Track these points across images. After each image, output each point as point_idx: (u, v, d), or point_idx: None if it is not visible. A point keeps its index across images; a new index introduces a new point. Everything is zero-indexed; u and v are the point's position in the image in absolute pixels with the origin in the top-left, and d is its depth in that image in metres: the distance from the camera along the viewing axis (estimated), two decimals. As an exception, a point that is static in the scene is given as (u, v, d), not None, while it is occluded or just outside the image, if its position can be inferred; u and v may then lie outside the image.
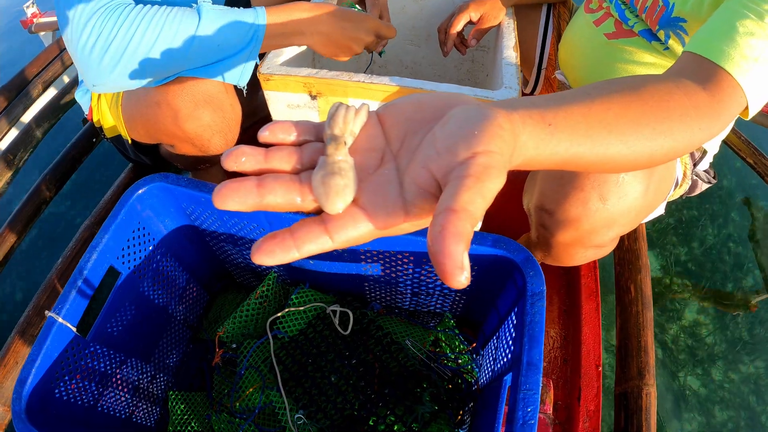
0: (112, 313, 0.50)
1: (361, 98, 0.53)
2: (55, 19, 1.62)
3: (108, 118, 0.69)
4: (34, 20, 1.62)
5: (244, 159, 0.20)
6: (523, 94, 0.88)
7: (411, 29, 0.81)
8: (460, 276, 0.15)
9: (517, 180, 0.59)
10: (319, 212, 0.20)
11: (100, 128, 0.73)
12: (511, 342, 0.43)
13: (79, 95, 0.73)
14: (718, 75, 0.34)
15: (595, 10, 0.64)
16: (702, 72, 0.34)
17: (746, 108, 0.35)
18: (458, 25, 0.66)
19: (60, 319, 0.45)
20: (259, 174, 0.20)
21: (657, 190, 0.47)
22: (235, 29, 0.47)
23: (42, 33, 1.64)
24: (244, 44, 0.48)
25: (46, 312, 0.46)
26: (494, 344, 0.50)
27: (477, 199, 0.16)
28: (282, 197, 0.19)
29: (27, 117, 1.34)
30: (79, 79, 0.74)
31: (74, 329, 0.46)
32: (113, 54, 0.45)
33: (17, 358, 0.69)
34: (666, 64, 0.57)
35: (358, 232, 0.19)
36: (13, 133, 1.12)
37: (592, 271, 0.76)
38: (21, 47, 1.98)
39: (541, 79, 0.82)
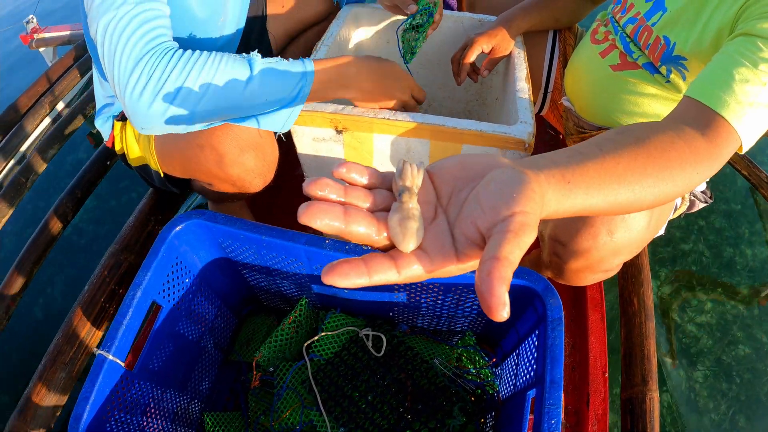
0: (155, 347, 0.53)
1: (386, 134, 0.57)
2: (56, 34, 1.61)
3: (134, 149, 0.71)
4: (35, 36, 1.61)
5: (327, 190, 0.23)
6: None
7: (423, 54, 0.84)
8: (503, 311, 0.19)
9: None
10: (386, 249, 0.24)
11: (123, 156, 0.75)
12: (533, 361, 0.47)
13: (99, 123, 0.74)
14: (716, 121, 0.38)
15: (601, 41, 0.68)
16: (702, 118, 0.39)
17: (740, 146, 0.40)
18: (471, 57, 0.70)
19: (110, 356, 0.48)
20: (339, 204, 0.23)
21: (658, 220, 0.52)
22: (284, 81, 0.49)
23: (42, 49, 1.63)
24: (292, 96, 0.50)
25: (96, 350, 0.49)
26: (515, 361, 0.54)
27: (516, 250, 0.20)
28: (364, 229, 0.23)
29: (35, 136, 1.34)
30: (98, 105, 0.75)
31: (123, 365, 0.49)
32: (164, 97, 0.46)
33: (50, 387, 0.71)
34: (667, 95, 0.61)
35: (420, 270, 0.23)
36: (21, 153, 1.13)
37: (597, 284, 0.80)
38: (22, 64, 1.96)
39: (548, 102, 0.86)
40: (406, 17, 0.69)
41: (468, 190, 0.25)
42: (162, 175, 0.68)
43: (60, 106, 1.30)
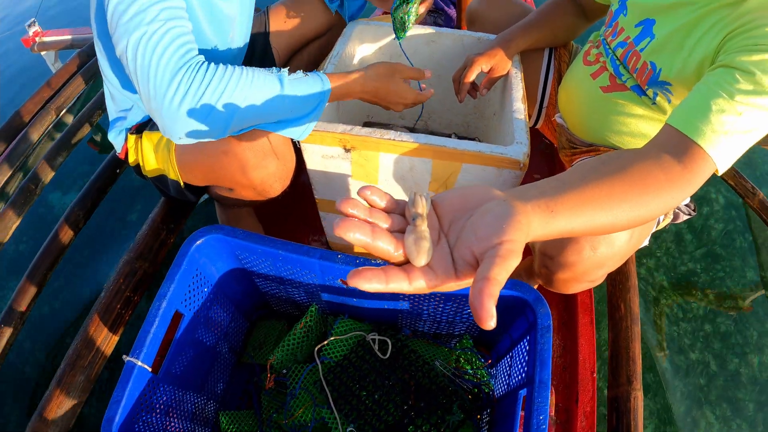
0: (177, 352, 0.58)
1: (391, 153, 0.62)
2: (58, 38, 1.64)
3: (151, 161, 0.75)
4: (37, 39, 1.64)
5: (357, 210, 0.29)
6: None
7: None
8: (491, 321, 0.24)
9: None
10: (400, 264, 0.29)
11: (136, 167, 0.80)
12: (525, 364, 0.53)
13: (111, 136, 0.79)
14: (693, 149, 0.44)
15: (592, 63, 0.73)
16: (680, 145, 0.44)
17: (716, 170, 0.45)
18: (471, 77, 0.74)
19: (139, 363, 0.53)
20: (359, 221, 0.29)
21: (640, 235, 0.57)
22: (308, 96, 0.55)
23: (44, 52, 1.66)
24: (312, 108, 0.56)
25: (125, 357, 0.54)
26: (508, 363, 0.60)
27: (503, 272, 0.26)
28: (386, 245, 0.28)
29: (41, 142, 1.38)
30: (110, 118, 0.79)
31: (150, 370, 0.54)
32: (204, 106, 0.49)
33: (69, 389, 0.75)
34: (654, 116, 0.66)
35: (426, 284, 0.28)
36: (28, 159, 1.16)
37: (587, 290, 0.86)
38: (24, 66, 1.98)
39: (543, 116, 0.92)
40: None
41: (465, 219, 0.31)
42: (182, 184, 0.72)
43: (66, 111, 1.33)
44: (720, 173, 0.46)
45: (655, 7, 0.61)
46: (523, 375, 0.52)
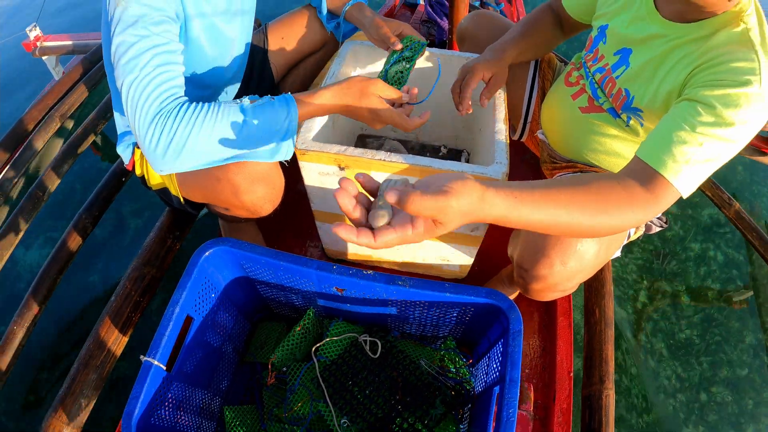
0: (187, 353, 0.66)
1: (381, 171, 0.70)
2: (59, 43, 1.71)
3: (155, 175, 0.83)
4: (38, 43, 1.71)
5: (350, 188, 0.42)
6: (511, 141, 1.06)
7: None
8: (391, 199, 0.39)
9: (505, 231, 0.77)
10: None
11: (142, 178, 0.88)
12: (498, 364, 0.61)
13: (120, 149, 0.87)
14: (656, 177, 0.51)
15: (573, 84, 0.80)
16: (645, 174, 0.52)
17: (680, 195, 0.52)
18: (474, 85, 0.76)
19: (155, 362, 0.61)
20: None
21: (608, 250, 0.65)
22: (273, 120, 0.61)
23: (45, 57, 1.73)
24: (284, 130, 0.62)
25: (142, 357, 0.62)
26: (486, 362, 0.68)
27: (427, 200, 0.38)
28: (359, 214, 0.42)
29: (47, 149, 1.45)
30: (118, 132, 0.87)
31: (165, 369, 0.62)
32: (174, 148, 0.57)
33: (82, 387, 0.83)
34: (627, 137, 0.73)
35: (388, 238, 0.40)
36: (35, 165, 1.23)
37: (566, 296, 0.95)
38: (24, 70, 2.05)
39: (527, 130, 1.00)
40: (392, 52, 0.80)
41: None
42: (182, 200, 0.81)
43: (70, 118, 1.40)
44: (685, 197, 0.53)
45: (632, 38, 0.68)
46: (497, 374, 0.61)
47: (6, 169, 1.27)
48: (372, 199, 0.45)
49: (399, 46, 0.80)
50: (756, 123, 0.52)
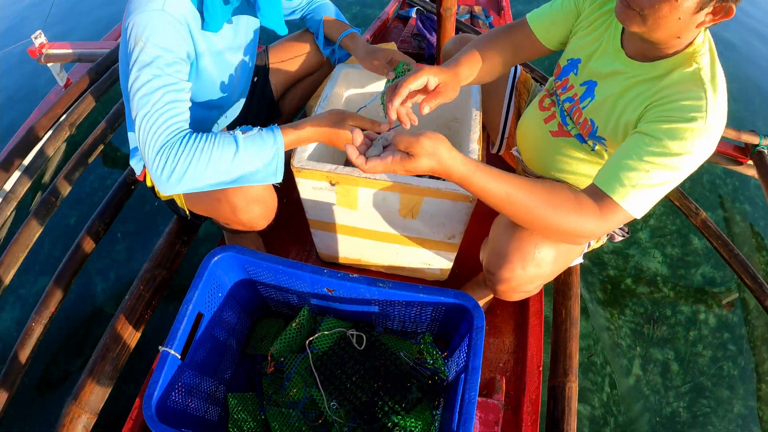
0: (198, 344, 0.79)
1: (367, 187, 0.82)
2: (63, 51, 1.83)
3: (165, 187, 0.96)
4: (43, 51, 1.83)
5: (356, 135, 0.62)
6: (491, 154, 1.19)
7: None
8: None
9: (482, 239, 0.89)
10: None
11: (152, 189, 1.00)
12: (465, 356, 0.74)
13: (133, 162, 0.99)
14: (606, 199, 0.63)
15: (546, 109, 0.90)
16: (597, 195, 0.64)
17: (631, 216, 0.63)
18: (412, 82, 0.69)
19: (172, 352, 0.73)
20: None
21: (566, 258, 0.77)
22: (262, 148, 0.72)
23: (50, 64, 1.85)
24: (271, 157, 0.72)
25: (161, 347, 0.74)
26: (457, 355, 0.81)
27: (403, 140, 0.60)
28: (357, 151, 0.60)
29: (57, 156, 1.57)
30: (131, 146, 0.99)
31: (180, 358, 0.74)
32: (176, 176, 0.68)
33: (99, 376, 0.96)
34: (593, 160, 0.83)
35: (374, 163, 0.58)
36: (43, 171, 1.35)
37: (539, 296, 1.08)
38: (29, 75, 2.17)
39: (504, 145, 1.12)
40: (387, 81, 0.92)
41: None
42: (188, 213, 0.93)
43: (78, 127, 1.52)
44: (638, 217, 0.64)
45: (598, 72, 0.77)
46: (463, 364, 0.73)
47: (20, 175, 1.39)
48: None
49: (392, 76, 0.91)
50: (701, 153, 0.62)
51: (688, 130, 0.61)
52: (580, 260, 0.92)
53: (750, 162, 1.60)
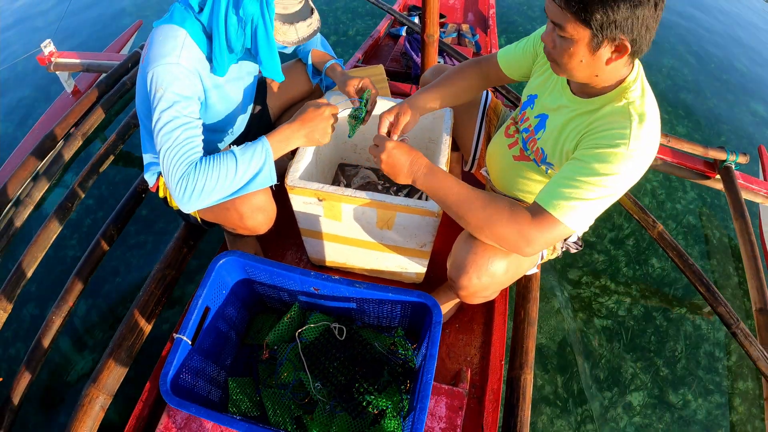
0: (205, 334, 1.01)
1: (349, 203, 1.05)
2: (73, 60, 2.07)
3: (177, 198, 1.18)
4: (52, 59, 2.06)
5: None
6: (465, 171, 1.41)
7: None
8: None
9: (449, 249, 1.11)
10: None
11: (164, 199, 1.22)
12: (426, 345, 0.96)
13: (147, 176, 1.22)
14: (543, 213, 0.83)
15: (511, 136, 1.12)
16: (538, 212, 0.84)
17: (569, 229, 0.82)
18: (383, 128, 1.01)
19: (184, 338, 0.95)
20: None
21: (517, 269, 0.98)
22: (257, 158, 0.94)
23: (59, 72, 2.08)
24: (263, 163, 0.95)
25: (174, 334, 0.96)
26: (423, 346, 1.03)
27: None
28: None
29: (69, 169, 1.80)
30: (145, 162, 1.21)
31: (190, 343, 0.96)
32: (195, 195, 0.91)
33: (116, 362, 1.18)
34: (546, 182, 1.03)
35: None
36: (49, 179, 1.58)
37: (503, 299, 1.30)
38: (39, 85, 2.42)
39: (476, 164, 1.34)
40: (351, 107, 1.12)
41: None
42: (199, 220, 1.15)
43: (90, 137, 1.75)
44: (576, 231, 0.84)
45: (549, 106, 0.98)
46: (425, 352, 0.96)
47: (37, 181, 1.62)
48: None
49: (356, 104, 1.12)
50: (627, 175, 0.78)
51: (612, 154, 0.78)
52: (535, 270, 1.14)
53: (717, 176, 1.82)
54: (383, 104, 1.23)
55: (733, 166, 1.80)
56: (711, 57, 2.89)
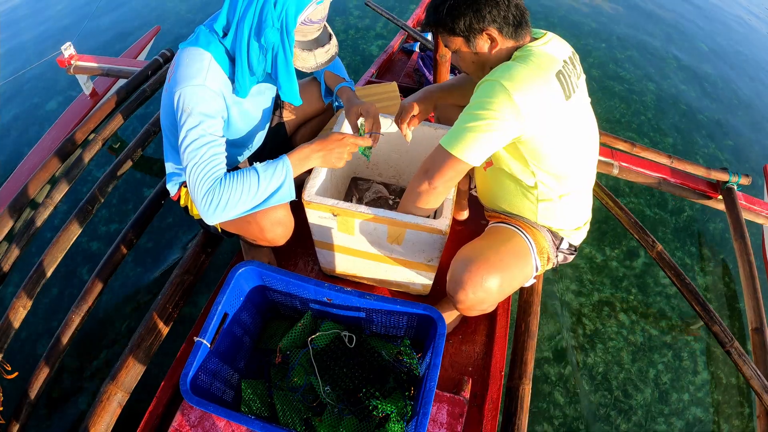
0: (222, 338, 1.10)
1: (362, 219, 1.14)
2: (92, 64, 2.17)
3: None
4: (72, 62, 2.17)
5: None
6: (470, 191, 1.50)
7: (395, 143, 1.41)
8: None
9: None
10: None
11: (185, 208, 1.32)
12: (430, 355, 1.04)
13: (169, 186, 1.31)
14: (443, 151, 0.99)
15: None
16: (439, 152, 1.01)
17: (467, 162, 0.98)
18: (407, 117, 1.21)
19: (204, 341, 1.04)
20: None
21: (510, 284, 1.08)
22: (278, 175, 1.03)
23: (78, 75, 2.19)
24: (283, 180, 1.03)
25: (195, 337, 1.05)
26: (428, 355, 1.11)
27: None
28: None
29: (89, 172, 1.90)
30: (167, 171, 1.31)
31: (210, 346, 1.05)
32: (220, 209, 0.98)
33: (135, 361, 1.27)
34: (517, 180, 1.14)
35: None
36: (69, 184, 1.67)
37: (506, 312, 1.39)
38: (58, 87, 2.53)
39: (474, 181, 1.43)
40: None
41: None
42: (220, 230, 1.25)
43: (110, 141, 1.85)
44: (469, 162, 0.98)
45: None
46: (429, 361, 1.04)
47: (58, 183, 1.72)
48: None
49: (363, 137, 1.22)
50: (496, 100, 0.92)
51: (485, 90, 0.95)
52: (533, 281, 1.23)
53: (720, 197, 1.90)
54: (386, 121, 1.33)
55: (736, 187, 1.87)
56: (725, 79, 2.96)
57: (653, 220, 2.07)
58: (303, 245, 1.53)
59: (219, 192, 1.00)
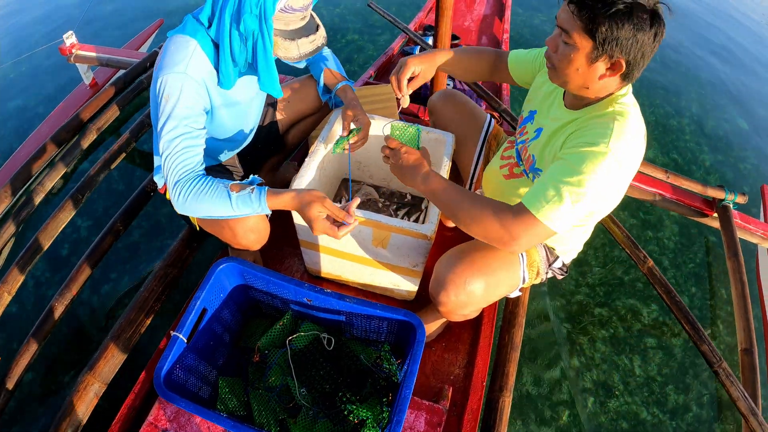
0: (200, 333, 1.09)
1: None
2: (93, 54, 2.17)
3: (182, 204, 1.27)
4: (73, 51, 2.17)
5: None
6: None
7: (387, 149, 1.40)
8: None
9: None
10: None
11: (170, 202, 1.31)
12: (408, 362, 1.03)
13: (156, 178, 1.30)
14: (524, 211, 0.90)
15: (506, 158, 1.21)
16: (522, 212, 0.91)
17: (549, 228, 0.89)
18: (407, 74, 1.12)
19: (180, 336, 1.04)
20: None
21: (495, 289, 1.07)
22: (249, 206, 0.98)
23: (79, 64, 2.19)
24: (254, 211, 0.99)
25: (171, 331, 1.05)
26: (406, 362, 1.10)
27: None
28: None
29: (82, 161, 1.90)
30: (155, 165, 1.30)
31: (186, 341, 1.05)
32: (186, 205, 0.99)
33: (114, 352, 1.26)
34: None
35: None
36: (62, 173, 1.67)
37: (490, 322, 1.37)
38: (58, 75, 2.54)
39: (473, 186, 1.42)
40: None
41: None
42: (198, 228, 1.24)
43: (104, 131, 1.85)
44: (556, 231, 0.89)
45: (546, 119, 1.06)
46: (407, 367, 1.03)
47: (50, 171, 1.72)
48: None
49: (344, 134, 1.22)
50: (605, 175, 0.82)
51: (592, 153, 0.83)
52: (518, 293, 1.22)
53: (715, 215, 1.89)
54: (380, 123, 1.32)
55: (731, 206, 1.86)
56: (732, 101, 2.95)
57: (645, 239, 2.06)
58: (290, 244, 1.52)
59: (186, 190, 0.99)
